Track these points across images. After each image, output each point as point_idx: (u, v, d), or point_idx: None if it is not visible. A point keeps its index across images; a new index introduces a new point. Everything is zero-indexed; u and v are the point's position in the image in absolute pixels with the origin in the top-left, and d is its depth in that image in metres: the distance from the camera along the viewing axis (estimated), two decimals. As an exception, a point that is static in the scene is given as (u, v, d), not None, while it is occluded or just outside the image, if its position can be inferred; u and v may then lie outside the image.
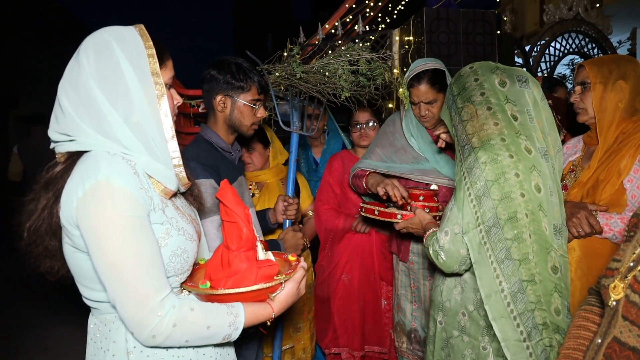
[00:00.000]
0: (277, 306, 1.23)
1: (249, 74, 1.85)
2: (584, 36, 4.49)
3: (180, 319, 1.06)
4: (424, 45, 3.25)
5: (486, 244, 1.43)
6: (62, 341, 3.81)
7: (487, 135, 1.46)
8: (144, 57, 1.13)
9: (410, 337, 2.37)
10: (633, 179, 1.73)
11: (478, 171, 1.44)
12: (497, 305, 1.42)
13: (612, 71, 1.79)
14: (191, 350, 1.19)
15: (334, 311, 2.58)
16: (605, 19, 4.65)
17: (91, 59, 1.09)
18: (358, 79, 2.18)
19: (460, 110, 1.56)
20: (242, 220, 1.29)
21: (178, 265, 1.17)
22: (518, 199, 1.42)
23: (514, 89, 1.54)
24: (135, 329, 1.05)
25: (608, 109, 1.80)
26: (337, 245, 2.62)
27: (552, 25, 4.28)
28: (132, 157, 1.10)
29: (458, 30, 3.29)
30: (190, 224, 1.24)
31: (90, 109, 1.08)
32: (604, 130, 1.81)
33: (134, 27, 1.18)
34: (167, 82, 1.20)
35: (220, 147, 1.89)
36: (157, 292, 1.05)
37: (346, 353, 2.59)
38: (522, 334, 1.41)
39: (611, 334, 0.99)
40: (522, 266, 1.41)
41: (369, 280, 2.60)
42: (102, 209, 1.02)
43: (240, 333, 1.16)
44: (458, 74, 1.66)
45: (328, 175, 2.68)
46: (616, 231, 1.71)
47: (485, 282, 1.43)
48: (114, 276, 1.04)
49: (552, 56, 4.35)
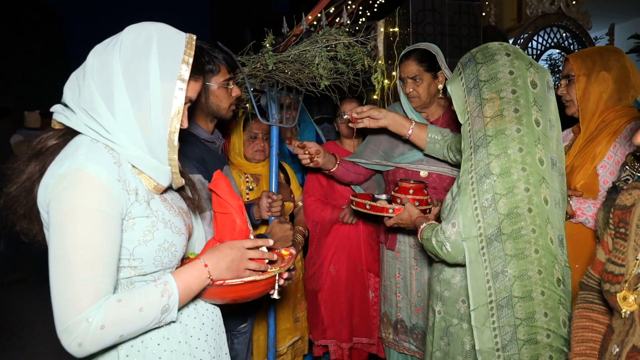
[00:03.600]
0: (211, 263, 1.14)
1: (214, 54, 1.76)
2: (565, 31, 4.53)
3: (108, 316, 0.97)
4: (409, 37, 3.22)
5: (485, 255, 1.41)
6: (41, 340, 3.70)
7: (506, 144, 1.39)
8: (177, 62, 1.10)
9: (396, 327, 2.37)
10: (606, 165, 1.77)
11: (488, 181, 1.39)
12: (480, 317, 1.41)
13: (596, 62, 1.83)
14: (184, 346, 1.16)
15: (321, 303, 2.57)
16: (585, 14, 4.70)
17: (128, 42, 1.07)
18: (337, 66, 2.09)
19: (485, 103, 1.44)
20: (236, 211, 1.28)
21: (165, 259, 1.13)
22: (525, 214, 1.39)
23: (543, 93, 1.46)
24: (61, 335, 0.96)
25: (591, 99, 1.83)
26: (324, 237, 2.61)
27: (535, 20, 4.30)
28: (118, 146, 1.07)
29: (444, 22, 3.28)
30: (179, 217, 1.20)
31: (105, 83, 1.05)
32: (587, 119, 1.85)
33: (186, 34, 1.16)
34: (190, 97, 1.17)
35: (203, 138, 1.83)
36: (94, 297, 0.97)
37: (334, 345, 2.59)
38: (497, 344, 1.40)
39: (630, 342, 0.97)
40: (517, 282, 1.39)
41: (356, 271, 2.60)
42: (68, 197, 0.99)
43: (178, 301, 1.06)
44: (488, 51, 1.50)
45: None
46: (589, 215, 1.75)
47: (476, 292, 1.42)
48: (58, 269, 0.98)
49: (535, 50, 4.38)
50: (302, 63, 2.07)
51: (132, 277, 1.11)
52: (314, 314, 2.62)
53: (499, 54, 1.47)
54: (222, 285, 1.14)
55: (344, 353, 2.61)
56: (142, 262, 1.11)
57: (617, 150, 1.75)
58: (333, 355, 2.60)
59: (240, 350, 2.05)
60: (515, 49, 1.50)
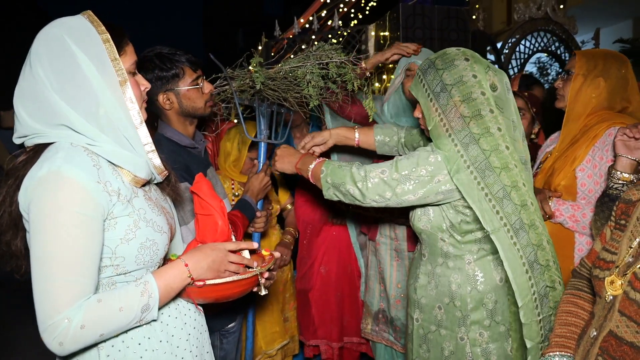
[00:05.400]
0: (191, 263, 1.16)
1: (174, 58, 1.71)
2: (551, 35, 4.63)
3: (88, 316, 0.99)
4: (399, 41, 3.28)
5: (516, 245, 1.45)
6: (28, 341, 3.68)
7: (495, 141, 1.42)
8: (99, 44, 1.09)
9: (377, 317, 2.41)
10: (584, 168, 1.80)
11: (493, 175, 1.43)
12: (529, 312, 1.45)
13: (597, 66, 1.83)
14: (166, 345, 1.18)
15: (312, 303, 2.60)
16: (572, 18, 4.80)
17: (45, 63, 1.05)
18: (327, 84, 2.03)
19: (459, 104, 1.45)
20: (218, 213, 1.29)
21: (147, 257, 1.15)
22: (530, 207, 1.45)
23: (504, 96, 1.48)
24: (43, 333, 0.98)
25: (580, 101, 1.85)
26: (315, 238, 2.64)
27: (522, 24, 4.39)
28: (97, 148, 1.08)
29: (433, 27, 3.35)
30: (162, 216, 1.22)
31: (51, 116, 1.06)
32: (570, 120, 1.88)
33: (82, 14, 1.12)
34: (129, 69, 1.15)
35: (184, 144, 1.81)
36: (74, 297, 0.99)
37: (324, 345, 2.62)
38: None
39: (607, 327, 1.00)
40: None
41: (346, 272, 2.63)
42: (47, 200, 0.99)
43: (158, 300, 1.08)
44: (447, 57, 1.51)
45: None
46: (567, 216, 1.80)
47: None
48: (39, 269, 0.99)
49: (522, 54, 4.47)
50: (292, 81, 2.02)
51: (113, 276, 1.12)
52: (305, 314, 2.65)
53: (458, 59, 1.48)
54: (202, 285, 1.16)
55: (335, 353, 2.63)
56: (124, 261, 1.12)
57: (595, 155, 1.78)
58: (324, 354, 2.63)
59: (230, 350, 2.05)
60: (473, 54, 1.51)
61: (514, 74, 4.46)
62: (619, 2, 6.52)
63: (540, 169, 1.99)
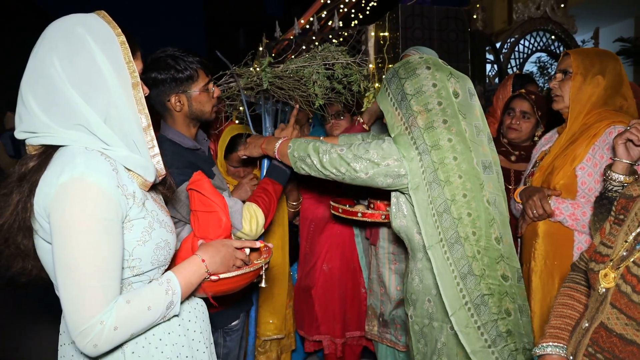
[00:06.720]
0: (207, 258, 1.22)
1: (189, 60, 1.72)
2: (551, 34, 4.65)
3: (119, 318, 1.03)
4: (399, 41, 3.30)
5: (449, 259, 1.48)
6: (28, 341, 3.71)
7: (442, 155, 1.47)
8: (116, 46, 1.11)
9: (380, 320, 2.45)
10: (585, 166, 1.81)
11: (438, 188, 1.47)
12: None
13: (594, 64, 1.84)
14: (183, 338, 1.22)
15: (315, 300, 2.63)
16: (571, 18, 4.82)
17: (62, 56, 1.05)
18: (333, 84, 2.06)
19: (417, 114, 1.52)
20: (221, 210, 1.33)
21: (162, 257, 1.19)
22: (465, 219, 1.47)
23: (465, 101, 1.53)
24: (76, 338, 1.01)
25: (581, 100, 1.86)
26: (318, 235, 2.66)
27: (522, 24, 4.41)
28: (111, 152, 1.09)
29: (432, 27, 3.37)
30: (168, 216, 1.26)
31: (66, 111, 1.05)
32: (572, 119, 1.89)
33: (96, 14, 1.13)
34: (140, 72, 1.17)
35: (187, 146, 1.82)
36: (106, 301, 1.02)
37: (327, 340, 2.65)
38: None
39: (598, 319, 1.03)
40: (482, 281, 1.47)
41: (349, 269, 2.66)
42: (72, 207, 1.00)
43: (180, 296, 1.14)
44: (409, 66, 1.57)
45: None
46: (566, 215, 1.81)
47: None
48: (68, 277, 1.01)
49: (522, 53, 4.48)
50: (299, 80, 2.05)
51: (130, 277, 1.15)
52: (308, 311, 2.67)
53: (420, 68, 1.54)
54: (218, 279, 1.23)
55: (337, 348, 2.66)
56: (141, 262, 1.14)
57: (596, 153, 1.79)
58: (327, 349, 2.66)
59: (233, 347, 2.06)
60: (436, 61, 1.57)
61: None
62: (619, 1, 6.51)
63: (537, 167, 2.01)
